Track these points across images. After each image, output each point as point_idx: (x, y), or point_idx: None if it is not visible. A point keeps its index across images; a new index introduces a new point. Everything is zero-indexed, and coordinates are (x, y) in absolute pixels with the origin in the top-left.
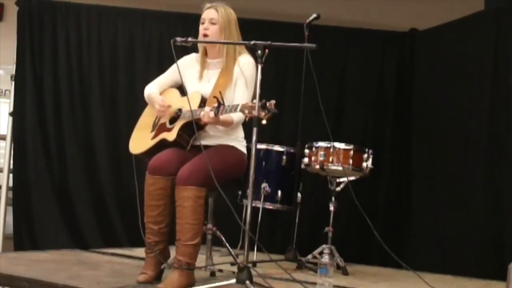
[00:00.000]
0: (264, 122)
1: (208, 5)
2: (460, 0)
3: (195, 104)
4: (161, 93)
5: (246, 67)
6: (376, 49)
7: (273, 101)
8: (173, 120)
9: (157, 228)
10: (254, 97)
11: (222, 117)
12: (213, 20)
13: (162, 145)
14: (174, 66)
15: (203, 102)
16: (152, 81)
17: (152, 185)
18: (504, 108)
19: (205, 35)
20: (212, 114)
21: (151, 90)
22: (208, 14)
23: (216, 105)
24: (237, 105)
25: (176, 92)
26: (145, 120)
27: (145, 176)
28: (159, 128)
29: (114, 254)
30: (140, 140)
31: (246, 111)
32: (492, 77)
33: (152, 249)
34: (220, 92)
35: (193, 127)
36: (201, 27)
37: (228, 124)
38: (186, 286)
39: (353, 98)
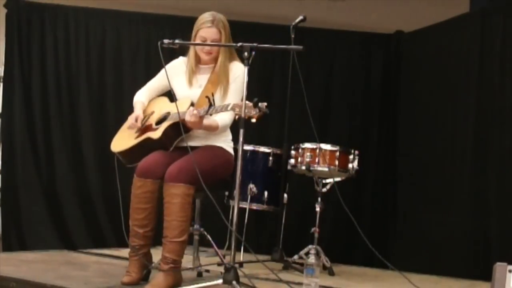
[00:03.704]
0: (253, 120)
1: (209, 23)
2: (446, 2)
3: (184, 109)
4: (150, 101)
5: (238, 74)
6: (362, 51)
7: (265, 103)
8: (160, 122)
9: (142, 231)
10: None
11: (206, 121)
12: (216, 41)
13: (146, 145)
14: (163, 71)
15: (192, 107)
16: (142, 87)
17: (139, 187)
18: (490, 109)
19: (210, 53)
20: (196, 112)
21: (139, 99)
22: (211, 34)
23: (206, 106)
24: (228, 104)
25: (165, 100)
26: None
27: (133, 179)
28: (144, 129)
29: (101, 255)
30: (123, 140)
31: (237, 109)
32: (477, 78)
33: (136, 252)
34: (212, 93)
35: (180, 128)
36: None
37: (212, 129)
38: (173, 286)
39: (339, 100)
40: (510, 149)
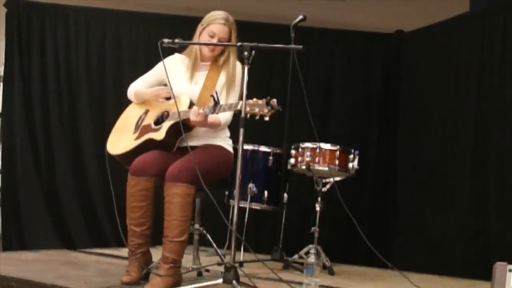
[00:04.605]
0: (267, 118)
1: (222, 20)
2: (446, 2)
3: (184, 107)
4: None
5: (237, 71)
6: (362, 51)
7: (275, 99)
8: (158, 122)
9: (139, 230)
10: (240, 98)
11: (210, 119)
12: (223, 40)
13: (147, 145)
14: (159, 66)
15: (192, 105)
16: (135, 81)
17: (134, 186)
18: (489, 108)
19: (213, 50)
20: (202, 111)
21: (137, 87)
22: (222, 32)
23: (212, 104)
24: (237, 102)
25: None
26: (124, 123)
27: (127, 178)
28: (142, 129)
29: (101, 254)
30: (121, 142)
31: (248, 108)
32: (477, 77)
33: (135, 251)
34: (216, 92)
35: (181, 128)
36: (209, 40)
37: (215, 126)
38: (173, 286)
39: (339, 99)
40: (510, 149)
